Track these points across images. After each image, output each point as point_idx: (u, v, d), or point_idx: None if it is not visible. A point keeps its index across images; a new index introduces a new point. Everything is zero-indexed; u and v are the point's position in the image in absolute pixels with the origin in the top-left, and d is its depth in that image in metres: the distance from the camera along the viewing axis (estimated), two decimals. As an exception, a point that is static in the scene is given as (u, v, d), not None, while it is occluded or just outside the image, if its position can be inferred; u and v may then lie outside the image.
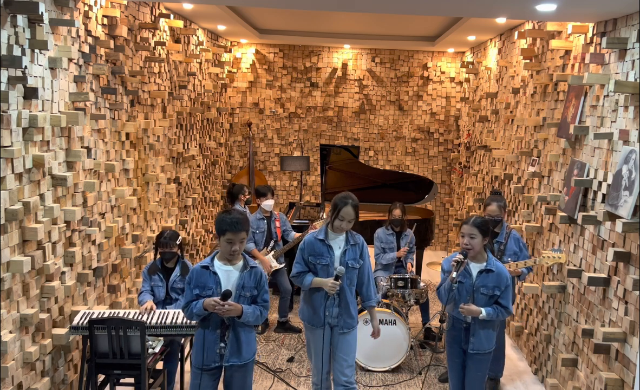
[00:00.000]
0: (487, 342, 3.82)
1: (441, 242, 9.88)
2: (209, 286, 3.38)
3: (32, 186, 3.61)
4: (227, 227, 3.33)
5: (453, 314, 3.86)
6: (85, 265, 4.41)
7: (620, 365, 3.77)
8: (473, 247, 3.71)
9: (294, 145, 9.66)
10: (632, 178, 3.61)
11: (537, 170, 5.44)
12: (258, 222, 6.04)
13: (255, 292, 3.46)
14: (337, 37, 8.48)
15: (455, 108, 9.56)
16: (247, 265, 3.45)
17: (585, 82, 4.20)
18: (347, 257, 3.86)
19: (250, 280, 3.43)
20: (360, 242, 3.93)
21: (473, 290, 3.75)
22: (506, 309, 3.77)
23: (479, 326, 3.79)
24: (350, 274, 3.88)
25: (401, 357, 5.19)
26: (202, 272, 3.42)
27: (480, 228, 3.71)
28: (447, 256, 4.03)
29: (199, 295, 3.38)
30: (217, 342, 3.41)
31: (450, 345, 3.93)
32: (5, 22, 3.25)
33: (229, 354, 3.43)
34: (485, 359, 3.85)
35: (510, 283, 3.80)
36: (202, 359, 3.42)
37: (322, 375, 3.98)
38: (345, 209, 3.78)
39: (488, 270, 3.75)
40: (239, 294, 3.40)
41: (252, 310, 3.41)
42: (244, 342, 3.46)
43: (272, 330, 6.14)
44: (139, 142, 5.48)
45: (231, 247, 3.35)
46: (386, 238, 6.01)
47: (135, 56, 5.33)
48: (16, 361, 3.47)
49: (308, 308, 3.96)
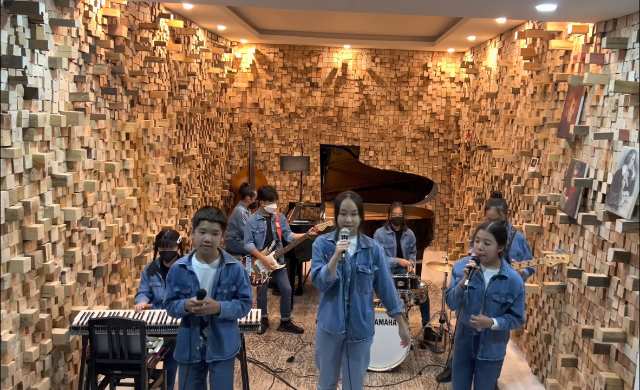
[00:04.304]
0: (497, 350, 3.71)
1: (441, 242, 9.87)
2: (188, 285, 3.40)
3: (32, 186, 3.61)
4: (202, 215, 3.37)
5: (463, 321, 3.72)
6: (85, 266, 4.41)
7: (620, 366, 3.77)
8: (487, 254, 3.58)
9: (294, 146, 9.66)
10: (632, 178, 3.60)
11: (537, 170, 5.44)
12: (258, 223, 6.04)
13: (234, 288, 3.46)
14: (337, 37, 8.48)
15: (455, 108, 9.55)
16: (224, 263, 3.45)
17: (585, 82, 4.20)
18: (357, 261, 3.68)
19: (227, 277, 3.43)
20: (373, 246, 3.74)
21: (485, 296, 3.61)
22: (519, 318, 3.63)
23: (489, 336, 3.66)
24: (360, 279, 3.69)
25: (401, 357, 5.19)
26: (180, 270, 3.43)
27: (497, 235, 3.58)
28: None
29: (179, 292, 3.41)
30: (197, 339, 3.44)
31: (459, 355, 3.78)
32: (5, 22, 3.25)
33: (211, 351, 3.45)
34: (494, 368, 3.76)
35: (524, 291, 3.66)
36: (181, 355, 3.47)
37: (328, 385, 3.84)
38: (344, 201, 3.68)
39: (502, 277, 3.61)
40: (215, 292, 3.41)
41: (231, 306, 3.42)
42: (224, 337, 3.47)
43: (272, 330, 6.15)
44: (139, 142, 5.48)
45: (203, 237, 3.35)
46: (386, 238, 6.00)
47: (135, 56, 5.32)
48: (16, 361, 3.47)
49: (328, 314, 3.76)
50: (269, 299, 6.87)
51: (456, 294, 3.64)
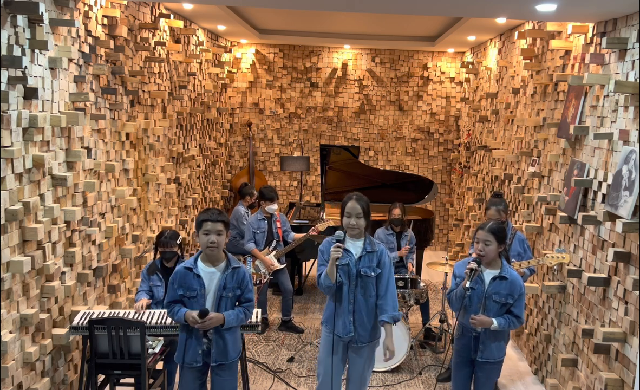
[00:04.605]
0: (497, 351, 3.71)
1: (441, 242, 9.87)
2: (194, 288, 3.39)
3: (32, 186, 3.61)
4: (204, 217, 3.36)
5: (463, 322, 3.73)
6: (85, 265, 4.41)
7: (620, 366, 3.77)
8: (487, 254, 3.59)
9: (294, 146, 9.66)
10: (632, 178, 3.60)
11: (537, 170, 5.44)
12: (259, 222, 6.04)
13: (239, 291, 3.46)
14: (337, 37, 8.48)
15: (455, 108, 9.55)
16: (230, 266, 3.44)
17: (585, 82, 4.20)
18: (361, 264, 3.66)
19: (233, 280, 3.43)
20: (378, 250, 3.70)
21: (485, 297, 3.62)
22: (518, 319, 3.64)
23: (489, 336, 3.66)
24: (364, 283, 3.66)
25: (401, 357, 5.19)
26: (185, 273, 3.41)
27: (497, 235, 3.58)
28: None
29: (183, 295, 3.40)
30: (200, 342, 3.43)
31: (459, 355, 3.79)
32: (5, 22, 3.25)
33: (216, 354, 3.44)
34: (494, 368, 3.76)
35: (524, 291, 3.67)
36: (182, 357, 3.46)
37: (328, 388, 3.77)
38: (349, 203, 3.65)
39: (502, 278, 3.61)
40: (220, 295, 3.40)
41: (234, 315, 3.42)
42: (229, 341, 3.47)
43: (272, 330, 6.15)
44: (139, 142, 5.48)
45: (208, 238, 3.34)
46: (386, 238, 6.01)
47: (135, 56, 5.32)
48: (16, 361, 3.47)
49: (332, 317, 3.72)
50: (269, 299, 6.87)
51: (458, 296, 3.64)
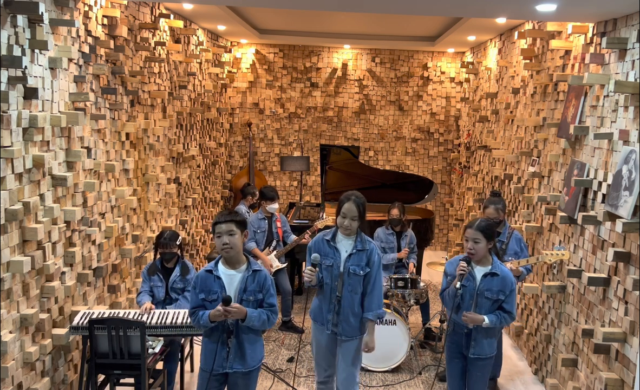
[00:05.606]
0: (488, 347, 3.76)
1: (441, 242, 9.88)
2: (214, 290, 3.36)
3: (32, 186, 3.61)
4: (215, 220, 3.36)
5: (455, 318, 3.77)
6: (85, 265, 4.41)
7: (620, 366, 3.77)
8: (477, 252, 3.63)
9: (294, 146, 9.66)
10: (632, 178, 3.60)
11: (537, 170, 5.44)
12: (259, 222, 6.05)
13: (260, 295, 3.39)
14: (337, 37, 8.48)
15: (455, 108, 9.55)
16: (250, 269, 3.41)
17: (585, 82, 4.20)
18: (350, 262, 3.72)
19: (253, 283, 3.38)
20: (369, 249, 3.74)
21: (476, 294, 3.66)
22: (510, 315, 3.69)
23: (480, 332, 3.72)
24: (352, 281, 3.73)
25: (401, 357, 5.19)
26: (206, 276, 3.40)
27: (485, 232, 3.61)
28: (450, 258, 3.99)
29: (204, 299, 3.37)
30: (223, 348, 3.38)
31: (451, 350, 3.85)
32: (5, 22, 3.25)
33: (233, 360, 3.39)
34: (486, 363, 3.79)
35: (515, 287, 3.71)
36: (212, 364, 3.38)
37: (322, 377, 3.96)
38: (346, 205, 3.67)
39: (493, 274, 3.66)
40: (241, 298, 3.35)
41: (257, 314, 3.34)
42: (247, 348, 3.40)
43: (272, 330, 6.15)
44: (139, 142, 5.48)
45: (221, 240, 3.32)
46: (386, 238, 6.01)
47: (135, 56, 5.32)
48: (16, 361, 3.47)
49: (316, 306, 3.90)
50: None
51: (451, 295, 3.70)
